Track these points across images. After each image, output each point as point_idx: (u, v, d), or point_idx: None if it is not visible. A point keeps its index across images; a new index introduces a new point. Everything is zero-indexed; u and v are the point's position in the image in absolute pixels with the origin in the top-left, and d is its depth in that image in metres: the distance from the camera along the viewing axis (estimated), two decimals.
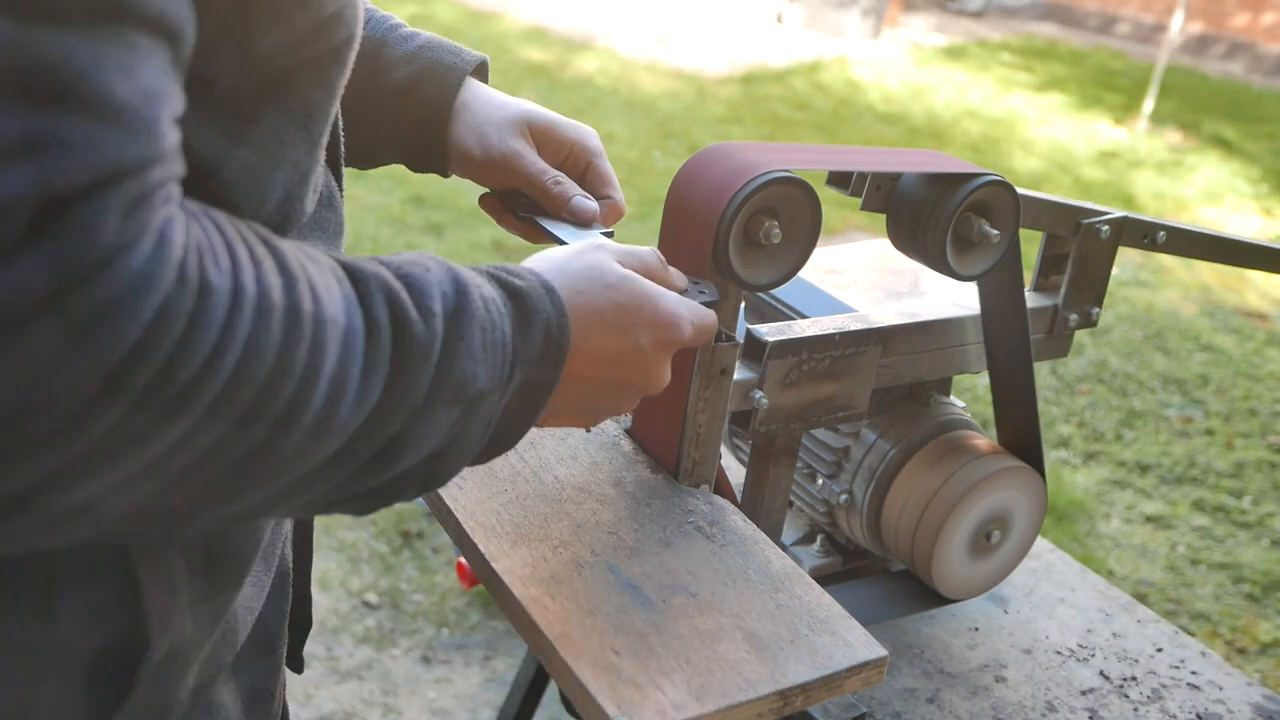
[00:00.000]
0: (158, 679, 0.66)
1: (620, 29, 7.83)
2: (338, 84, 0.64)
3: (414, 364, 0.58)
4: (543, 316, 0.66)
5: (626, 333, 0.72)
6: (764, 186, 0.87)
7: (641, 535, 0.87)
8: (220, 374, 0.49)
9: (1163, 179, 6.04)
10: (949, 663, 1.13)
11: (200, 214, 0.52)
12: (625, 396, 0.76)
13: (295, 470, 0.55)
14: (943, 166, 1.00)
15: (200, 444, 0.50)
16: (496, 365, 0.63)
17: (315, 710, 2.17)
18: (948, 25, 9.43)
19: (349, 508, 0.63)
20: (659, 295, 0.74)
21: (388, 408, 0.57)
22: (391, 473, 0.61)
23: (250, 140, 0.60)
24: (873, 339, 1.04)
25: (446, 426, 0.61)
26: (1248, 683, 1.15)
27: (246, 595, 0.75)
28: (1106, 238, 1.13)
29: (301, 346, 0.52)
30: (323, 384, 0.53)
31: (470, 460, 0.66)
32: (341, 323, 0.55)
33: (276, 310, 0.51)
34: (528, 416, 0.68)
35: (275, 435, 0.52)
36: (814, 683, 0.76)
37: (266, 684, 0.81)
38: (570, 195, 0.92)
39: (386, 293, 0.58)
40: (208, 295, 0.48)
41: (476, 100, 0.94)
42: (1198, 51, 9.28)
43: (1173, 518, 3.08)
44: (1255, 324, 4.38)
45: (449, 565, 2.56)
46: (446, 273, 0.62)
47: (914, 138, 6.20)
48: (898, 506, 1.12)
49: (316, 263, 0.56)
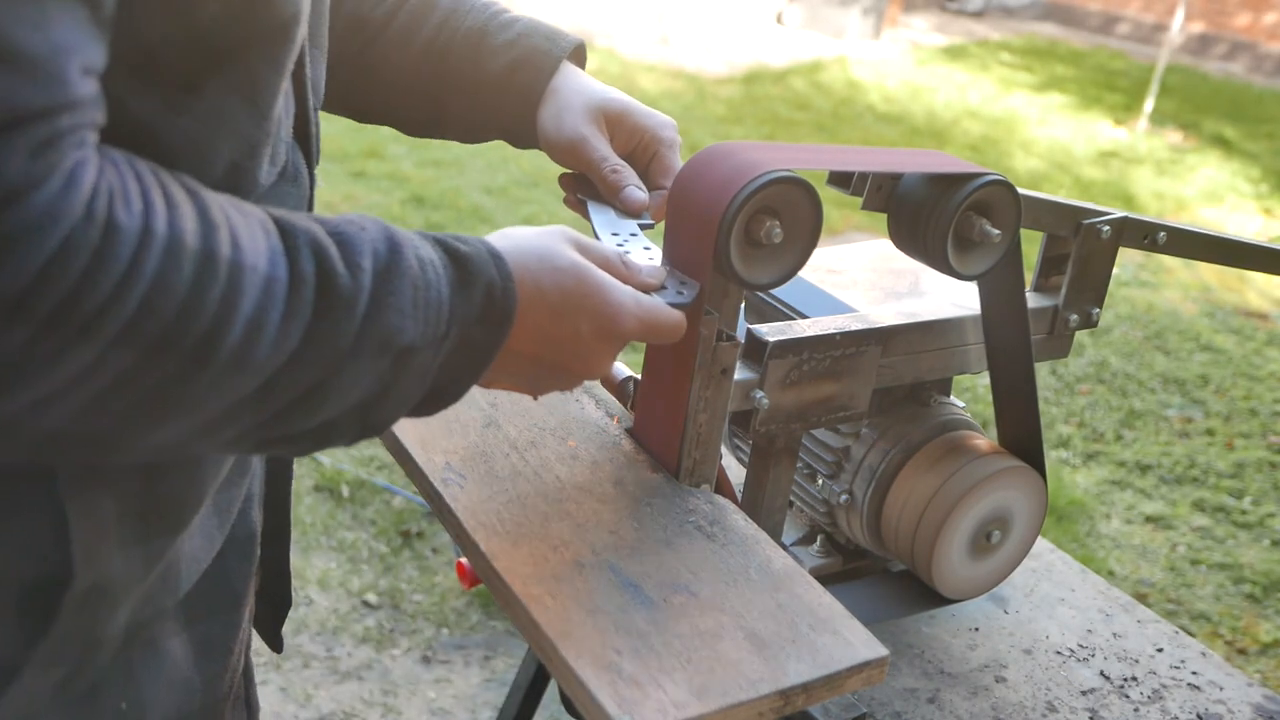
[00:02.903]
0: (83, 611, 0.69)
1: (620, 29, 7.83)
2: (285, 61, 0.67)
3: (337, 314, 0.61)
4: (485, 279, 0.69)
5: (567, 318, 0.74)
6: (765, 186, 0.87)
7: (642, 535, 0.87)
8: (126, 306, 0.53)
9: (1163, 179, 6.04)
10: (949, 663, 1.13)
11: (121, 162, 0.55)
12: (564, 378, 0.79)
13: (215, 404, 0.59)
14: (943, 166, 1.00)
15: (111, 371, 0.54)
16: (430, 322, 0.66)
17: (315, 710, 2.17)
18: (948, 25, 9.43)
19: (285, 448, 0.67)
20: (606, 286, 0.76)
21: (309, 353, 0.61)
22: (320, 417, 0.64)
23: (193, 110, 0.63)
24: (873, 339, 1.04)
25: (374, 376, 0.64)
26: (1248, 683, 1.15)
27: (193, 546, 0.77)
28: (1107, 238, 1.13)
29: (214, 288, 0.56)
30: (238, 325, 0.57)
31: (407, 411, 0.70)
32: (263, 270, 0.58)
33: (188, 252, 0.55)
34: (469, 374, 0.71)
35: (189, 368, 0.56)
36: (815, 682, 0.76)
37: (224, 639, 0.83)
38: (624, 184, 0.95)
39: (314, 246, 0.61)
40: (115, 233, 0.53)
41: (566, 86, 0.99)
42: (1198, 51, 9.28)
43: (1173, 518, 3.08)
44: (1255, 324, 4.38)
45: (449, 565, 2.56)
46: (382, 232, 0.66)
47: (914, 138, 6.20)
48: (898, 506, 1.12)
49: (245, 215, 0.60)
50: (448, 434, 0.97)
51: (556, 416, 1.01)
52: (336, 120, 1.17)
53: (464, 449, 0.95)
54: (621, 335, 0.77)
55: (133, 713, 0.76)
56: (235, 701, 0.87)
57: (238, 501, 0.82)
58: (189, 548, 0.77)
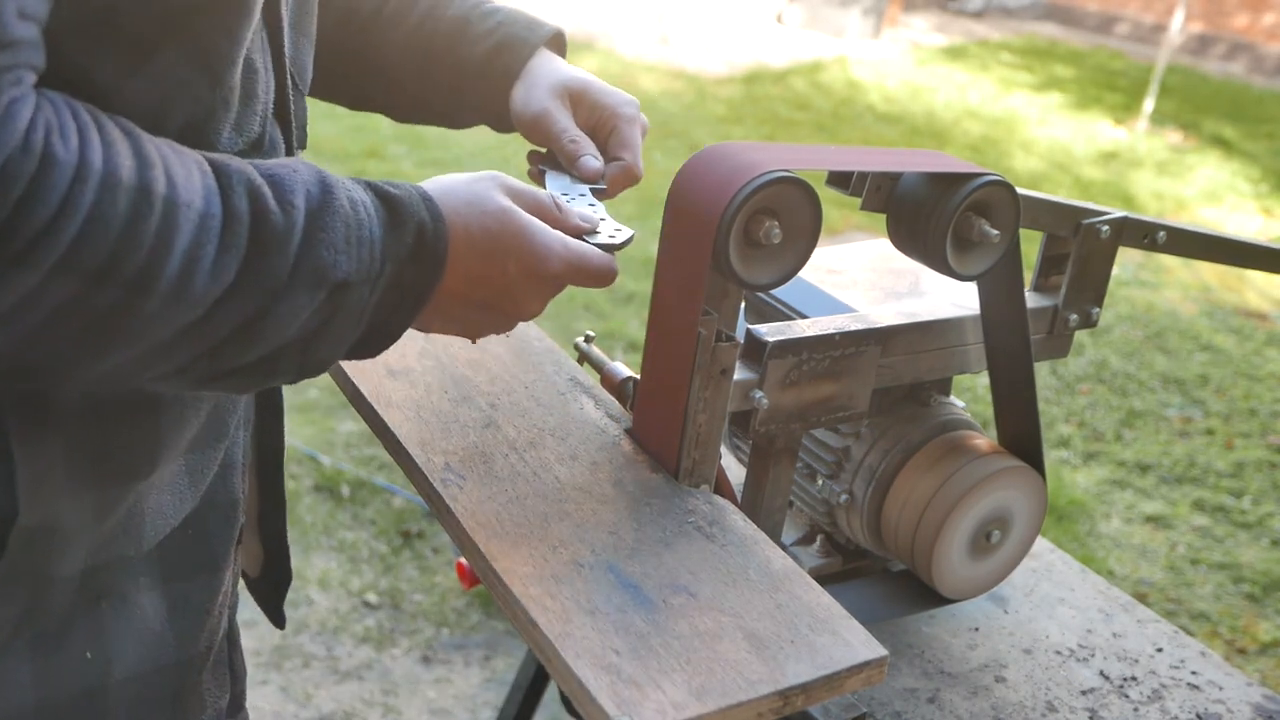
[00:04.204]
0: (31, 548, 0.71)
1: (620, 29, 7.83)
2: (241, 31, 0.69)
3: (270, 248, 0.64)
4: (415, 220, 0.72)
5: (494, 259, 0.76)
6: (764, 186, 0.87)
7: (641, 535, 0.87)
8: (63, 235, 0.56)
9: (1163, 179, 6.04)
10: (949, 663, 1.13)
11: (59, 101, 0.58)
12: (497, 319, 0.81)
13: (157, 334, 0.62)
14: (943, 166, 1.00)
15: (54, 298, 0.57)
16: (363, 259, 0.69)
17: (315, 710, 2.17)
18: (948, 25, 9.43)
19: (229, 382, 0.69)
20: (532, 229, 0.78)
21: (245, 285, 0.64)
22: (260, 349, 0.67)
23: (147, 72, 0.66)
24: (873, 339, 1.04)
25: (310, 310, 0.67)
26: (1247, 683, 1.15)
27: (160, 502, 0.80)
28: (1106, 238, 1.13)
29: (150, 221, 0.59)
30: (175, 257, 0.60)
31: (346, 351, 0.72)
32: (198, 206, 0.61)
33: (124, 187, 0.58)
34: (405, 313, 0.74)
35: (131, 298, 0.59)
36: (814, 682, 0.76)
37: (202, 599, 0.85)
38: (580, 154, 0.97)
39: (248, 185, 0.64)
40: (51, 165, 0.55)
41: (538, 68, 1.02)
42: (1198, 51, 9.28)
43: (1173, 518, 3.08)
44: (1255, 324, 4.38)
45: (449, 565, 2.56)
46: (314, 174, 0.69)
47: (914, 138, 6.20)
48: (898, 506, 1.12)
49: (180, 155, 0.63)
50: (447, 434, 0.97)
51: (556, 417, 1.01)
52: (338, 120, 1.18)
53: (463, 449, 0.95)
54: (549, 275, 0.79)
55: (98, 662, 0.78)
56: (217, 664, 0.89)
57: (213, 465, 0.84)
58: (154, 502, 0.79)
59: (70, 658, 0.77)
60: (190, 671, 0.85)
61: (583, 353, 1.17)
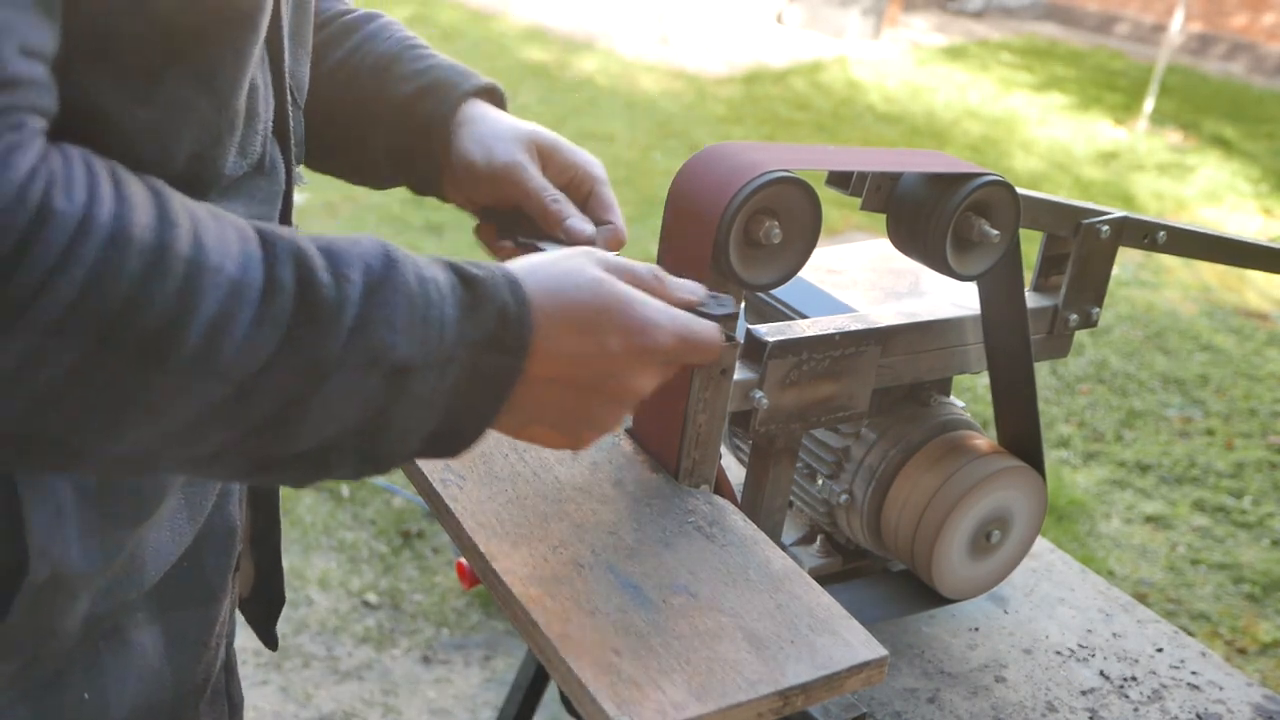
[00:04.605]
0: (38, 604, 0.68)
1: (620, 29, 7.83)
2: (247, 50, 0.66)
3: (319, 322, 0.59)
4: (497, 303, 0.66)
5: (595, 335, 0.70)
6: (764, 186, 0.87)
7: (641, 535, 0.87)
8: (59, 294, 0.51)
9: (1163, 179, 6.04)
10: (949, 663, 1.13)
11: (74, 154, 0.54)
12: (603, 406, 0.73)
13: (180, 412, 0.56)
14: (943, 166, 1.00)
15: (53, 364, 0.52)
16: (429, 342, 0.62)
17: (315, 710, 2.17)
18: (948, 25, 9.43)
19: (279, 474, 0.64)
20: (634, 300, 0.71)
21: (286, 360, 0.58)
22: (310, 438, 0.61)
23: (154, 99, 0.62)
24: (873, 339, 1.04)
25: (364, 396, 0.61)
26: (1248, 683, 1.15)
27: (160, 539, 0.76)
28: (1106, 238, 1.13)
29: (167, 284, 0.54)
30: (197, 324, 0.55)
31: (418, 446, 0.66)
32: (230, 271, 0.56)
33: (136, 245, 0.53)
34: (486, 407, 0.67)
35: (142, 366, 0.54)
36: (814, 683, 0.76)
37: (199, 634, 0.82)
38: (567, 215, 0.90)
39: (296, 255, 0.59)
40: (48, 218, 0.51)
41: (485, 117, 0.94)
42: (1198, 51, 9.28)
43: (1173, 518, 3.08)
44: (1255, 324, 4.38)
45: (449, 565, 2.56)
46: (379, 248, 0.63)
47: (914, 138, 6.20)
48: (898, 506, 1.12)
49: (219, 220, 0.58)
50: None
51: None
52: None
53: None
54: (656, 350, 0.72)
55: (96, 703, 0.75)
56: (215, 695, 0.87)
57: (211, 496, 0.81)
58: (154, 540, 0.76)
59: (68, 701, 0.74)
60: (187, 706, 0.82)
61: None
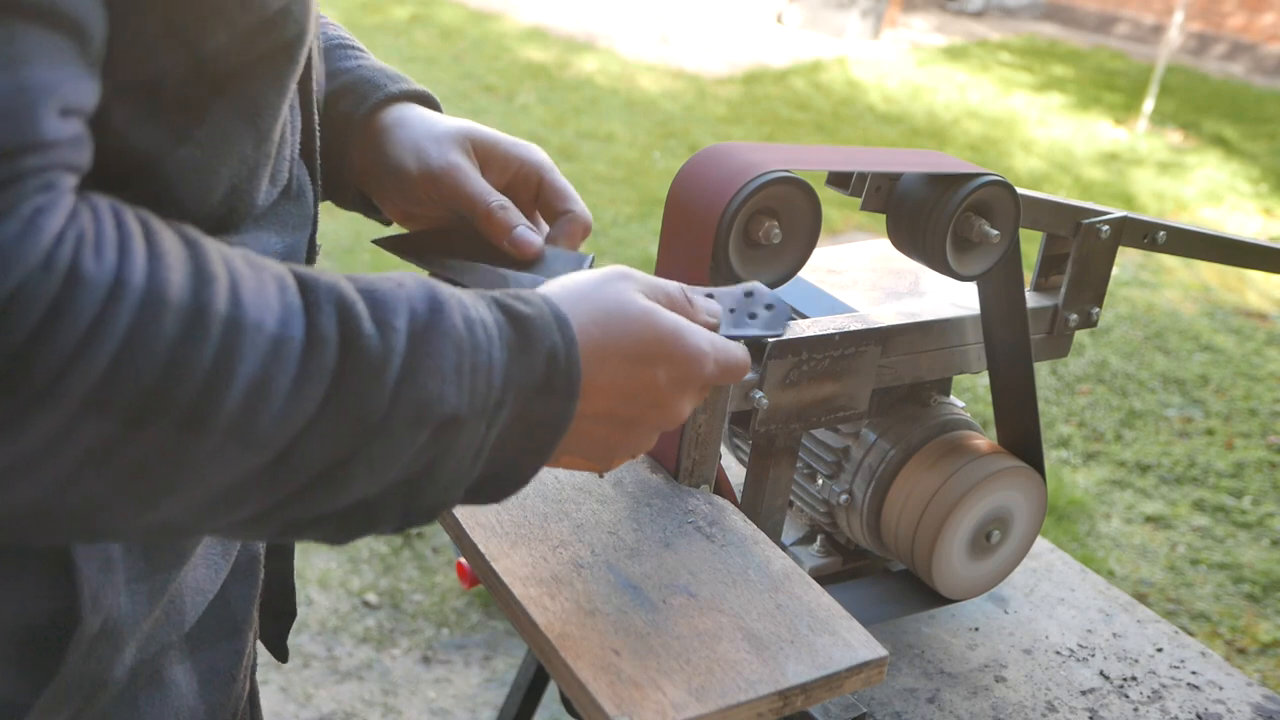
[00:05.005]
0: (90, 655, 0.66)
1: (620, 29, 7.83)
2: (289, 81, 0.64)
3: (364, 378, 0.55)
4: (547, 345, 0.63)
5: (645, 368, 0.68)
6: (764, 186, 0.87)
7: (641, 535, 0.87)
8: (93, 366, 0.48)
9: (1163, 179, 6.04)
10: (949, 663, 1.13)
11: (103, 207, 0.50)
12: (641, 435, 0.71)
13: (218, 480, 0.53)
14: (943, 166, 1.00)
15: (86, 441, 0.49)
16: (478, 390, 0.59)
17: (315, 710, 2.17)
18: (948, 25, 9.43)
19: (318, 533, 0.61)
20: (683, 330, 0.70)
21: (330, 423, 0.54)
22: (352, 496, 0.58)
23: (196, 139, 0.59)
24: (873, 339, 1.04)
25: (413, 451, 0.58)
26: (1248, 683, 1.15)
27: (197, 577, 0.74)
28: (1106, 238, 1.13)
29: (205, 347, 0.50)
30: (236, 389, 0.51)
31: (463, 494, 0.64)
32: (270, 329, 0.52)
33: (171, 307, 0.49)
34: (536, 453, 0.65)
35: (180, 439, 0.51)
36: (814, 683, 0.76)
37: (228, 666, 0.80)
38: (514, 224, 0.83)
39: (339, 304, 0.55)
40: (77, 284, 0.47)
41: (413, 119, 0.87)
42: (1198, 51, 9.28)
43: (1173, 518, 3.08)
44: (1255, 324, 4.38)
45: (449, 565, 2.56)
46: (423, 290, 0.59)
47: (914, 138, 6.20)
48: (898, 506, 1.12)
49: (256, 269, 0.54)
50: None
51: None
52: None
53: None
54: (701, 380, 0.71)
55: None
56: None
57: None
58: (192, 579, 0.74)
59: None
60: None
61: None
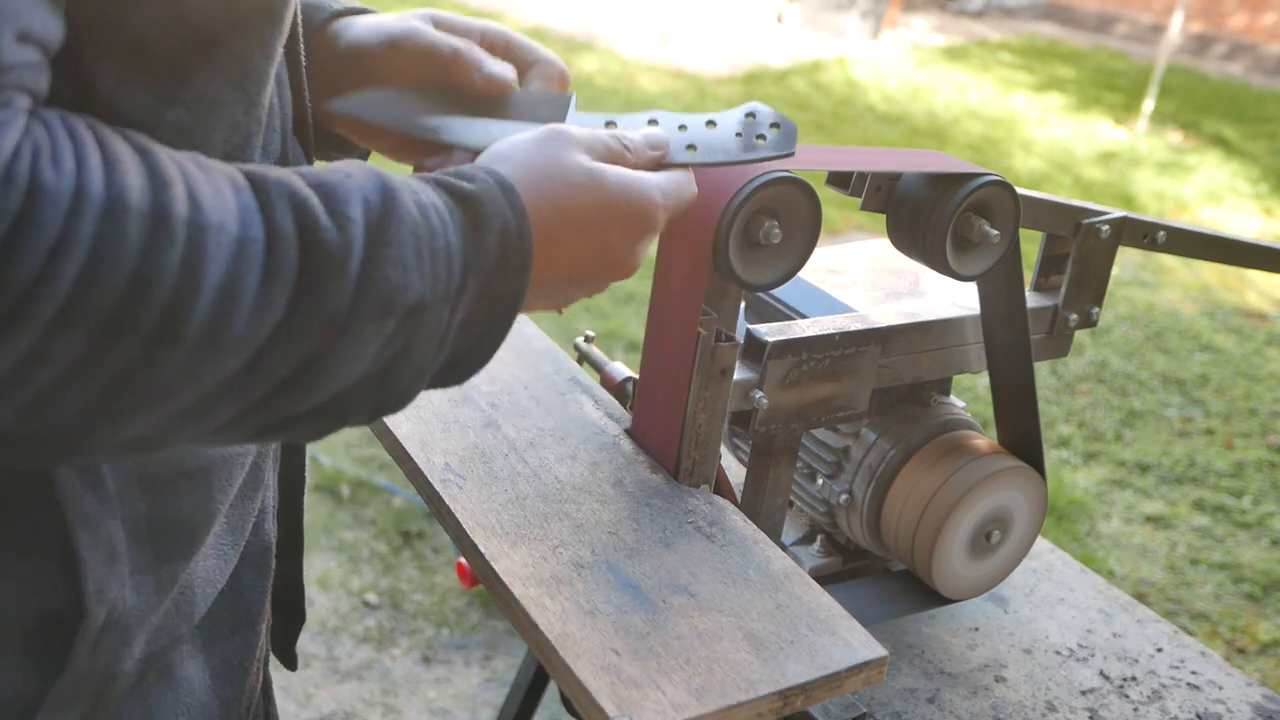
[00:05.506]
0: (97, 648, 0.65)
1: (620, 29, 7.83)
2: (274, 44, 0.63)
3: (326, 274, 0.54)
4: (499, 223, 0.62)
5: (594, 233, 0.68)
6: (764, 186, 0.87)
7: (641, 535, 0.87)
8: (60, 281, 0.47)
9: (1163, 179, 6.04)
10: (949, 663, 1.13)
11: (55, 120, 0.49)
12: (596, 286, 0.72)
13: (190, 390, 0.52)
14: (943, 166, 1.00)
15: (59, 359, 0.48)
16: (439, 275, 0.59)
17: (315, 710, 2.17)
18: (948, 25, 9.43)
19: (291, 433, 0.60)
20: (630, 186, 0.69)
21: (298, 321, 0.54)
22: (324, 394, 0.57)
23: (183, 100, 0.58)
24: (873, 339, 1.04)
25: (379, 342, 0.57)
26: (1247, 683, 1.15)
27: (207, 568, 0.73)
28: (1106, 238, 1.13)
29: (170, 253, 0.49)
30: (205, 295, 0.50)
31: (427, 381, 0.63)
32: (233, 230, 0.51)
33: (133, 213, 0.48)
34: (495, 332, 0.64)
35: (154, 350, 0.50)
36: (814, 683, 0.76)
37: (241, 658, 0.79)
38: (480, 60, 0.80)
39: (293, 198, 0.54)
40: (40, 196, 0.46)
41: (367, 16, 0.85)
42: (1198, 51, 9.28)
43: (1173, 518, 3.08)
44: (1255, 324, 4.38)
45: (449, 565, 2.56)
46: (373, 178, 0.58)
47: (914, 138, 6.20)
48: (898, 506, 1.12)
49: (207, 169, 0.53)
50: (447, 434, 0.97)
51: (556, 417, 1.01)
52: None
53: (463, 449, 0.95)
54: (653, 229, 0.71)
55: None
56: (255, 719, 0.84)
57: (251, 516, 0.77)
58: (202, 570, 0.73)
59: None
60: None
61: (582, 353, 1.17)
